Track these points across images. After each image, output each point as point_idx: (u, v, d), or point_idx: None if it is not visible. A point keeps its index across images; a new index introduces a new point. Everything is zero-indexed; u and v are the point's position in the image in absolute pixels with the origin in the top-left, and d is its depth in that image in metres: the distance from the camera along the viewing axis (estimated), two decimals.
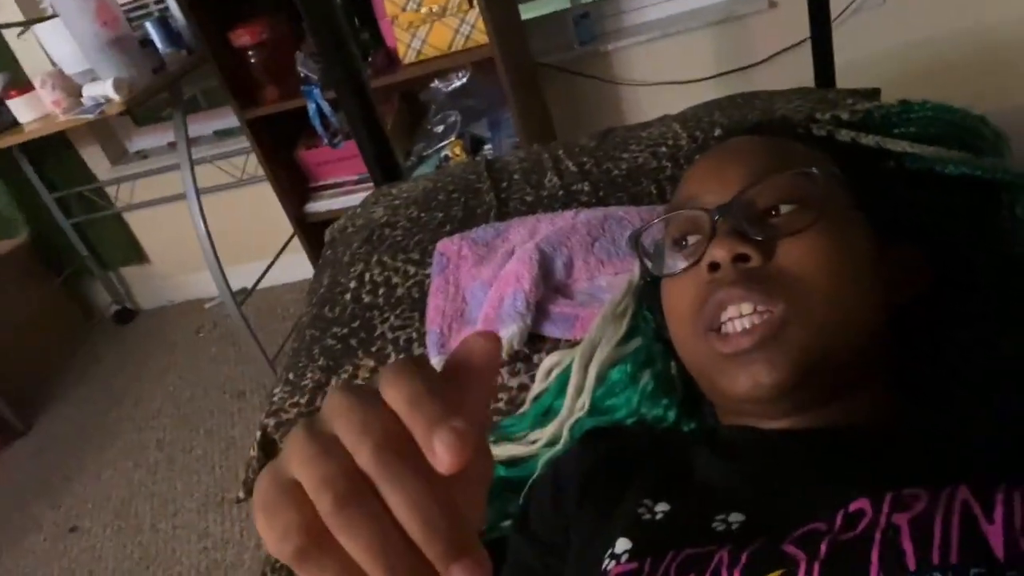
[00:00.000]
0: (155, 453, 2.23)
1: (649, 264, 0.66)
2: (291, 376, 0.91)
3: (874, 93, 1.13)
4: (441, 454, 0.27)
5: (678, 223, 0.63)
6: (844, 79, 1.66)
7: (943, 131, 0.69)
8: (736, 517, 0.51)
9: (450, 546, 0.27)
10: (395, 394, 0.28)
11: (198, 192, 2.04)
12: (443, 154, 2.16)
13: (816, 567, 0.43)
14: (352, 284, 0.97)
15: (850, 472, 0.51)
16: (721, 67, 2.15)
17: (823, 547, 0.44)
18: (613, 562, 0.52)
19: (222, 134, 2.65)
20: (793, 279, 0.55)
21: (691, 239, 0.62)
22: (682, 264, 0.61)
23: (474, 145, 2.17)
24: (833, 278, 0.55)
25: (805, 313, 0.54)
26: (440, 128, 2.22)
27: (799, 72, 1.73)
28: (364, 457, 0.27)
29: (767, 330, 0.54)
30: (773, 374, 0.53)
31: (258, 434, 0.89)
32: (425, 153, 2.20)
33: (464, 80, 2.17)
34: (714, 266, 0.57)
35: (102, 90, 1.82)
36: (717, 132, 0.86)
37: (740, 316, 0.55)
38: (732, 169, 0.61)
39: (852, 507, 0.46)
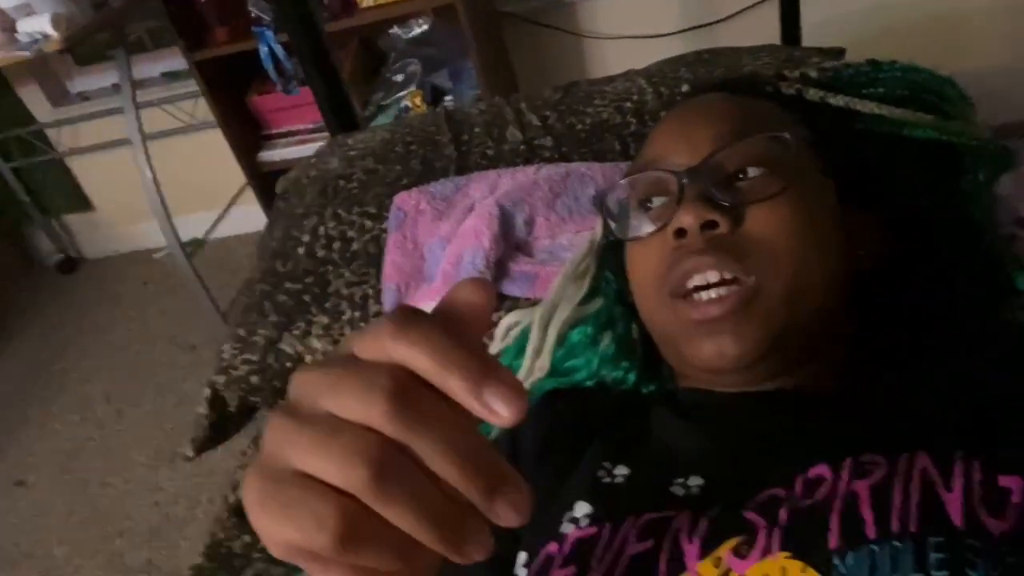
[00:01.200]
0: (103, 407, 2.17)
1: (613, 225, 0.65)
2: (241, 332, 0.88)
3: (839, 52, 1.12)
4: (500, 409, 0.25)
5: (644, 184, 0.61)
6: (808, 39, 1.65)
7: (911, 92, 0.68)
8: (695, 481, 0.51)
9: (491, 480, 0.25)
10: (415, 349, 0.25)
11: (144, 137, 1.95)
12: (402, 104, 2.10)
13: (776, 533, 0.43)
14: (305, 238, 0.93)
15: (809, 436, 0.51)
16: (686, 23, 2.12)
17: (782, 513, 0.44)
18: (572, 526, 0.51)
19: (169, 76, 2.53)
20: (762, 247, 0.54)
21: (656, 201, 0.60)
22: (648, 228, 0.59)
23: (434, 96, 2.11)
24: (801, 247, 0.55)
25: (774, 283, 0.54)
26: (399, 77, 2.15)
27: (764, 30, 1.71)
28: (381, 414, 0.25)
29: (738, 300, 0.53)
30: (738, 345, 0.53)
31: (208, 391, 0.86)
32: (383, 103, 2.14)
33: (425, 27, 2.10)
34: (681, 232, 0.55)
35: (38, 25, 1.72)
36: (684, 88, 0.84)
37: (707, 285, 0.54)
38: (701, 130, 0.60)
39: (811, 472, 0.46)
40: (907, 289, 0.62)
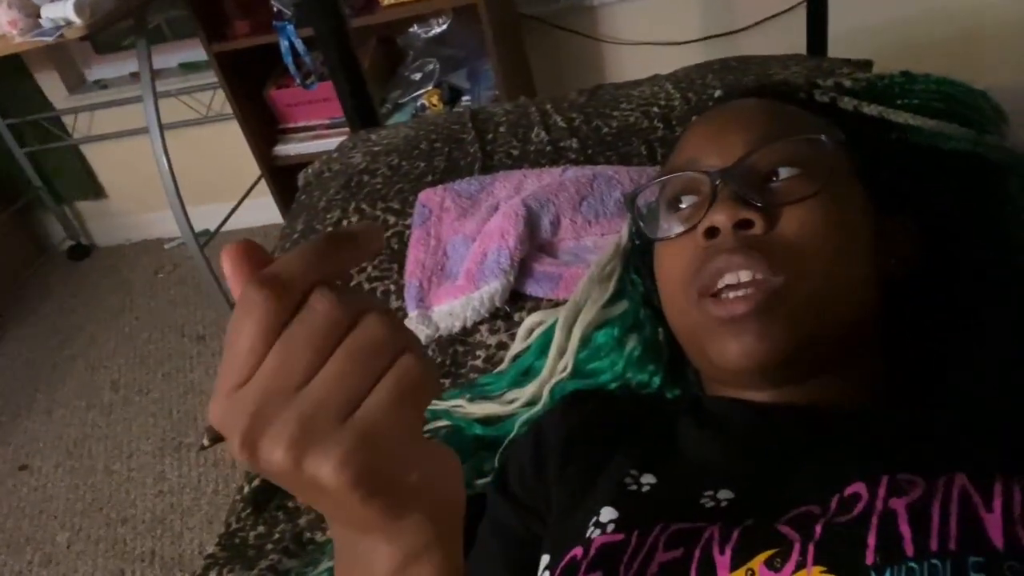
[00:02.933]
0: (110, 394, 2.17)
1: (643, 226, 0.65)
2: None
3: (867, 64, 1.12)
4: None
5: (675, 185, 0.61)
6: (832, 51, 1.65)
7: (945, 104, 0.68)
8: (725, 495, 0.50)
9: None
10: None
11: (161, 127, 1.95)
12: (419, 103, 2.10)
13: (811, 548, 0.42)
14: (328, 231, 0.93)
15: (841, 452, 0.50)
16: (707, 31, 2.12)
17: (818, 529, 0.44)
18: (598, 531, 0.51)
19: (187, 68, 2.54)
20: (794, 249, 0.53)
21: (686, 200, 0.60)
22: (678, 228, 0.59)
23: (452, 96, 2.12)
24: (834, 249, 0.54)
25: (804, 284, 0.53)
26: (417, 76, 2.15)
27: (785, 41, 1.71)
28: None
29: (763, 298, 0.52)
30: (764, 345, 0.52)
31: None
32: (400, 101, 2.14)
33: (444, 27, 2.10)
34: (713, 231, 0.55)
35: (62, 12, 1.72)
36: (716, 93, 0.84)
37: (739, 284, 0.54)
38: (734, 132, 0.59)
39: (847, 491, 0.45)
40: (940, 301, 0.61)
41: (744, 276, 0.53)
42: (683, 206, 0.60)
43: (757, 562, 0.43)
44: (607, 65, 2.26)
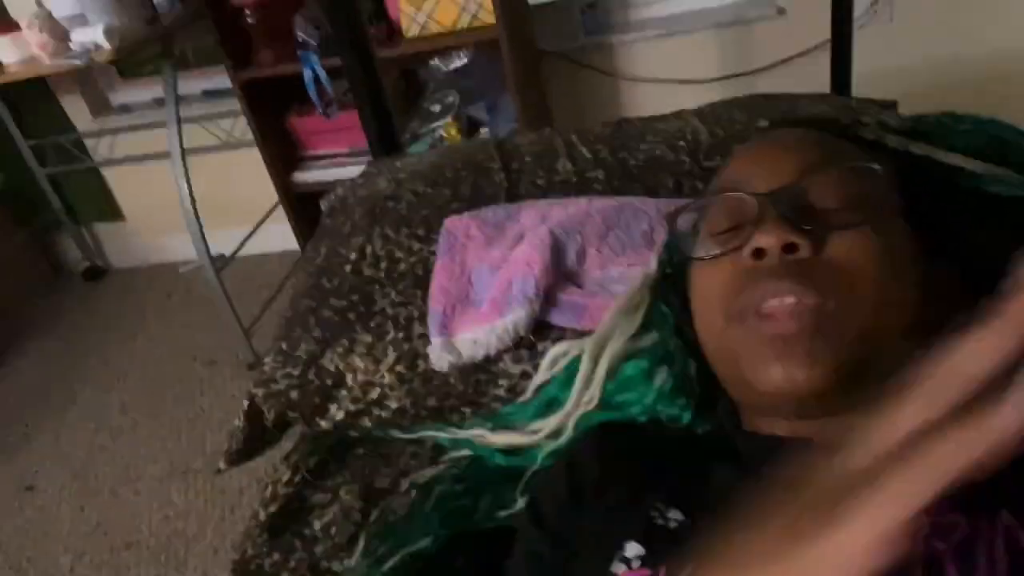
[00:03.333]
0: (119, 417, 2.16)
1: (681, 246, 0.64)
2: (284, 346, 0.87)
3: (891, 105, 1.12)
4: None
5: (720, 206, 0.60)
6: (855, 93, 1.65)
7: (993, 146, 0.67)
8: None
9: None
10: None
11: (184, 153, 1.97)
12: (438, 134, 2.12)
13: None
14: (352, 256, 0.93)
15: None
16: (724, 70, 2.13)
17: None
18: (623, 566, 0.49)
19: (210, 95, 2.57)
20: (842, 275, 0.52)
21: (730, 222, 0.58)
22: (719, 249, 0.57)
23: (470, 127, 2.13)
24: (882, 280, 0.53)
25: (851, 313, 0.51)
26: (437, 107, 2.17)
27: (805, 81, 1.72)
28: None
29: (814, 321, 0.51)
30: (809, 370, 0.50)
31: (245, 403, 0.85)
32: (420, 131, 2.16)
33: (465, 61, 2.13)
34: (759, 253, 0.54)
35: (92, 36, 1.75)
36: (762, 123, 0.84)
37: (782, 307, 0.52)
38: (785, 157, 0.58)
39: None
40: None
41: (789, 301, 0.52)
42: (726, 227, 0.59)
43: None
44: (626, 102, 2.28)
